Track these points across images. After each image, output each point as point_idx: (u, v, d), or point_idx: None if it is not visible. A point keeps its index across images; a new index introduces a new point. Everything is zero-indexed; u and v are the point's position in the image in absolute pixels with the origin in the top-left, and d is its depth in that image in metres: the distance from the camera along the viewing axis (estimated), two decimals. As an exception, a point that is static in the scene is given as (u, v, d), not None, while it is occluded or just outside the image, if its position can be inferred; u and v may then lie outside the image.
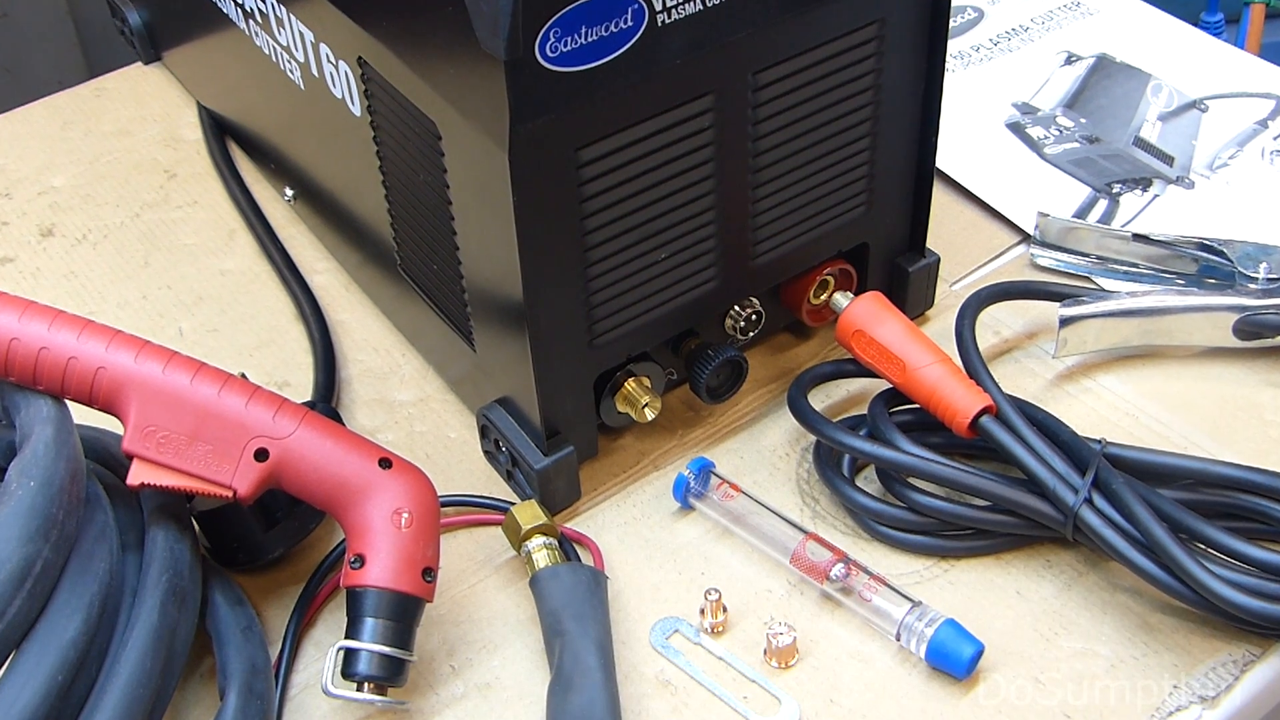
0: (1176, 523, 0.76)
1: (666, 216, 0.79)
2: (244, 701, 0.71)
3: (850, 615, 0.79)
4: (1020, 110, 1.15)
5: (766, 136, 0.81)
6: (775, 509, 0.82)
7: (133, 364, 0.71)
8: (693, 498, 0.84)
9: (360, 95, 0.84)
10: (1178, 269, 0.98)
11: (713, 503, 0.84)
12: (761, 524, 0.82)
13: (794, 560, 0.80)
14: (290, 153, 1.06)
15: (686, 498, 0.85)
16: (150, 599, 0.70)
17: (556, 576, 0.78)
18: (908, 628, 0.76)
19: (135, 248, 1.09)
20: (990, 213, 1.06)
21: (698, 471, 0.84)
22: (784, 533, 0.81)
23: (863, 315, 0.86)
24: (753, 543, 0.82)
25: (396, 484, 0.74)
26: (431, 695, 0.77)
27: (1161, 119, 1.13)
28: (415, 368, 0.97)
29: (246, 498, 0.72)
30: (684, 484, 0.84)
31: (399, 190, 0.86)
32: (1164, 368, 0.93)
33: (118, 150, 1.19)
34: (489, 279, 0.80)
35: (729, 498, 0.83)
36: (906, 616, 0.76)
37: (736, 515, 0.83)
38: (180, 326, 1.01)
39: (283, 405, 0.74)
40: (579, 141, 0.73)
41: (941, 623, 0.75)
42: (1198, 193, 1.06)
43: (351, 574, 0.73)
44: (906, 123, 0.88)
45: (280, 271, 1.04)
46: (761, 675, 0.76)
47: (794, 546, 0.80)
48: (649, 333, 0.84)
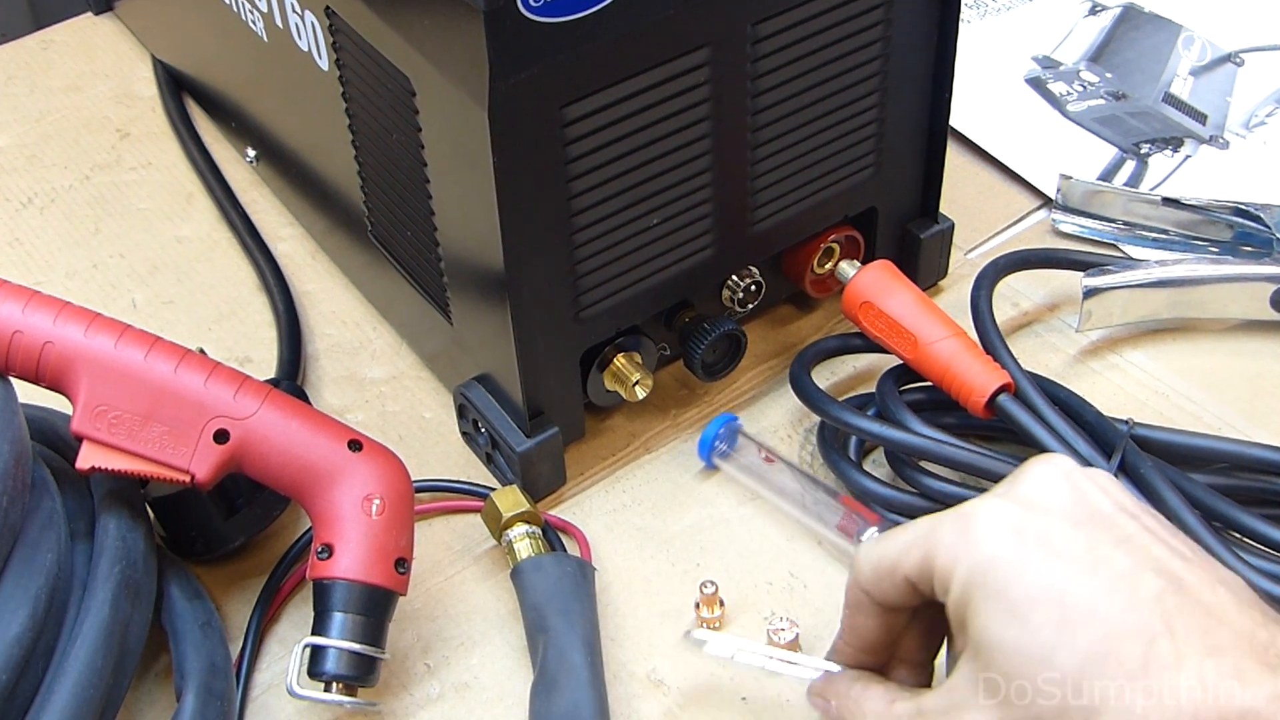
0: (1209, 509, 0.76)
1: (658, 179, 0.79)
2: (202, 703, 0.71)
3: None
4: (1041, 64, 1.15)
5: (767, 93, 0.80)
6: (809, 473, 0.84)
7: (82, 338, 0.71)
8: (718, 458, 0.85)
9: (328, 48, 0.84)
10: (1211, 235, 0.98)
11: (744, 466, 0.84)
12: (800, 490, 0.83)
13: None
14: (252, 110, 1.05)
15: (712, 457, 0.85)
16: (101, 592, 0.69)
17: (540, 568, 0.78)
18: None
19: (85, 213, 1.08)
20: (1008, 175, 1.06)
21: (716, 432, 0.84)
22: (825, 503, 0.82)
23: (871, 286, 0.86)
24: (788, 510, 0.83)
25: (367, 468, 0.74)
26: (405, 696, 0.77)
27: (1193, 73, 1.13)
28: (387, 342, 0.97)
29: (205, 483, 0.72)
30: (710, 443, 0.84)
31: (370, 151, 0.86)
32: (1196, 342, 0.93)
33: (66, 107, 1.18)
34: (467, 246, 0.79)
35: (770, 460, 0.83)
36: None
37: (772, 482, 0.83)
38: (134, 298, 1.01)
39: (244, 383, 0.73)
40: (564, 98, 0.72)
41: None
42: (1233, 153, 1.06)
43: (318, 565, 0.72)
44: (918, 78, 0.88)
45: (241, 238, 1.04)
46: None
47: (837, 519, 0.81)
48: (640, 305, 0.84)
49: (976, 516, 0.61)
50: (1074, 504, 0.61)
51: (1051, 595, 0.58)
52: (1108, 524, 0.60)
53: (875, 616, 0.66)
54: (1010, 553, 0.60)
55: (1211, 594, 0.58)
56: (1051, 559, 0.59)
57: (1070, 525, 0.60)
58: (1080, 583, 0.58)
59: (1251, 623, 0.57)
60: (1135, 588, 0.58)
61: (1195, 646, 0.56)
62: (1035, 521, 0.60)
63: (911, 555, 0.63)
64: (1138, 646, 0.56)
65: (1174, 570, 0.58)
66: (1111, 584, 0.58)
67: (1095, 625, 0.57)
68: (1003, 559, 0.59)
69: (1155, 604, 0.57)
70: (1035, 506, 0.61)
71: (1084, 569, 0.58)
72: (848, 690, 0.68)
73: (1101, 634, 0.57)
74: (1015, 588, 0.59)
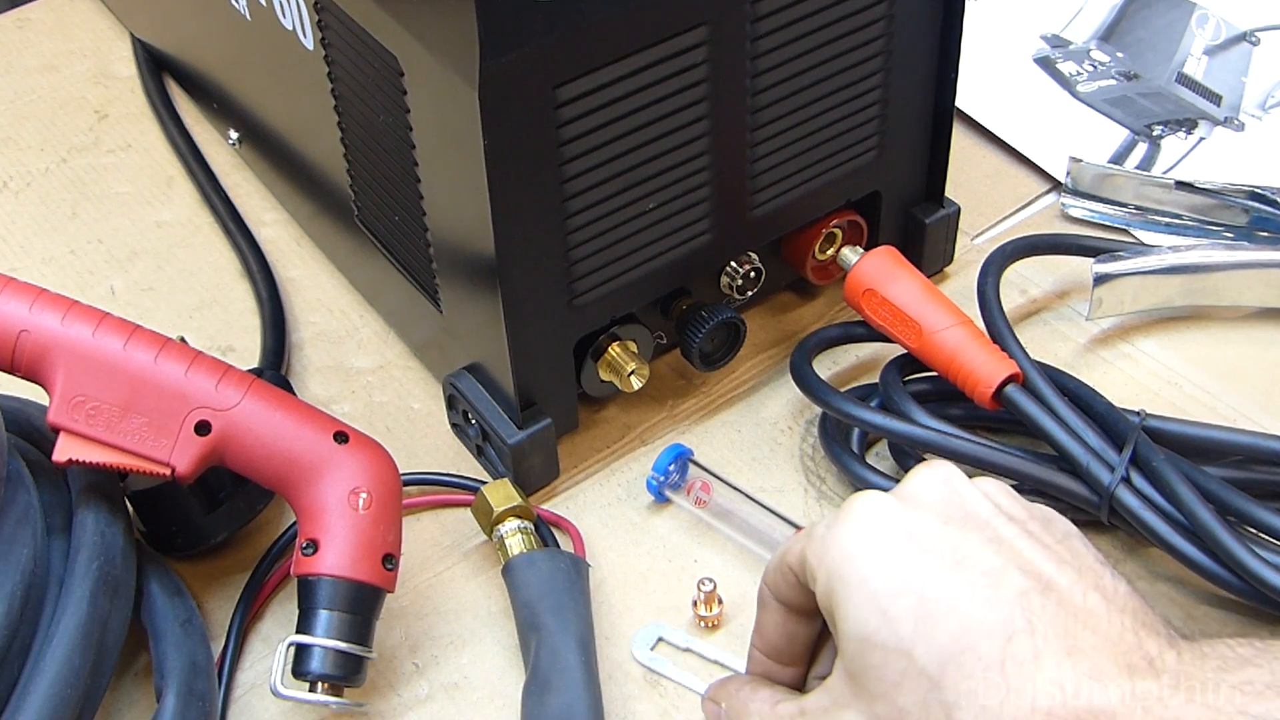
0: (1224, 504, 0.76)
1: (655, 162, 0.79)
2: (183, 703, 0.71)
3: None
4: (1050, 43, 1.15)
5: (766, 72, 0.80)
6: (761, 500, 0.82)
7: (59, 326, 0.71)
8: (669, 490, 0.84)
9: (313, 26, 0.84)
10: (1226, 220, 0.97)
11: (689, 500, 0.84)
12: (749, 520, 0.82)
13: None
14: (235, 91, 1.05)
15: (662, 491, 0.85)
16: (79, 589, 0.69)
17: (532, 564, 0.78)
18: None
19: (62, 197, 1.08)
20: (1016, 158, 1.05)
21: (667, 465, 0.84)
22: (774, 529, 0.81)
23: (874, 272, 0.86)
24: (742, 542, 0.82)
25: (353, 461, 0.74)
26: (393, 696, 0.77)
27: (1208, 53, 1.12)
28: (374, 331, 0.97)
29: (186, 476, 0.72)
30: (654, 486, 0.84)
31: (356, 132, 0.86)
32: (1210, 331, 0.93)
33: (42, 88, 1.18)
34: (457, 231, 0.79)
35: (701, 504, 0.83)
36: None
37: (719, 512, 0.83)
38: (112, 285, 1.01)
39: (226, 373, 0.73)
40: (557, 78, 0.72)
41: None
42: (1248, 135, 1.06)
43: (303, 561, 0.72)
44: (923, 57, 0.87)
45: (224, 223, 1.04)
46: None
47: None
48: (636, 292, 0.84)
49: (851, 508, 0.63)
50: (949, 504, 0.63)
51: (912, 588, 0.59)
52: (982, 525, 0.62)
53: (776, 613, 0.68)
54: (874, 544, 0.61)
55: (1082, 598, 0.59)
56: (916, 553, 0.60)
57: (940, 522, 0.62)
58: (942, 577, 0.59)
59: (1121, 627, 0.58)
60: (999, 584, 0.59)
61: (1055, 646, 0.57)
62: (906, 517, 0.62)
63: (795, 547, 0.65)
64: (996, 642, 0.57)
65: (1044, 572, 0.60)
66: (974, 580, 0.59)
67: (954, 620, 0.58)
68: (866, 550, 0.61)
69: (1018, 601, 0.58)
70: (910, 502, 0.63)
71: (948, 565, 0.60)
72: (736, 692, 0.69)
73: (961, 629, 0.58)
74: (875, 580, 0.60)
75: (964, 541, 0.61)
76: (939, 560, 0.60)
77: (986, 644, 0.57)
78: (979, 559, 0.60)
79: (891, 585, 0.60)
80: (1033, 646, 0.57)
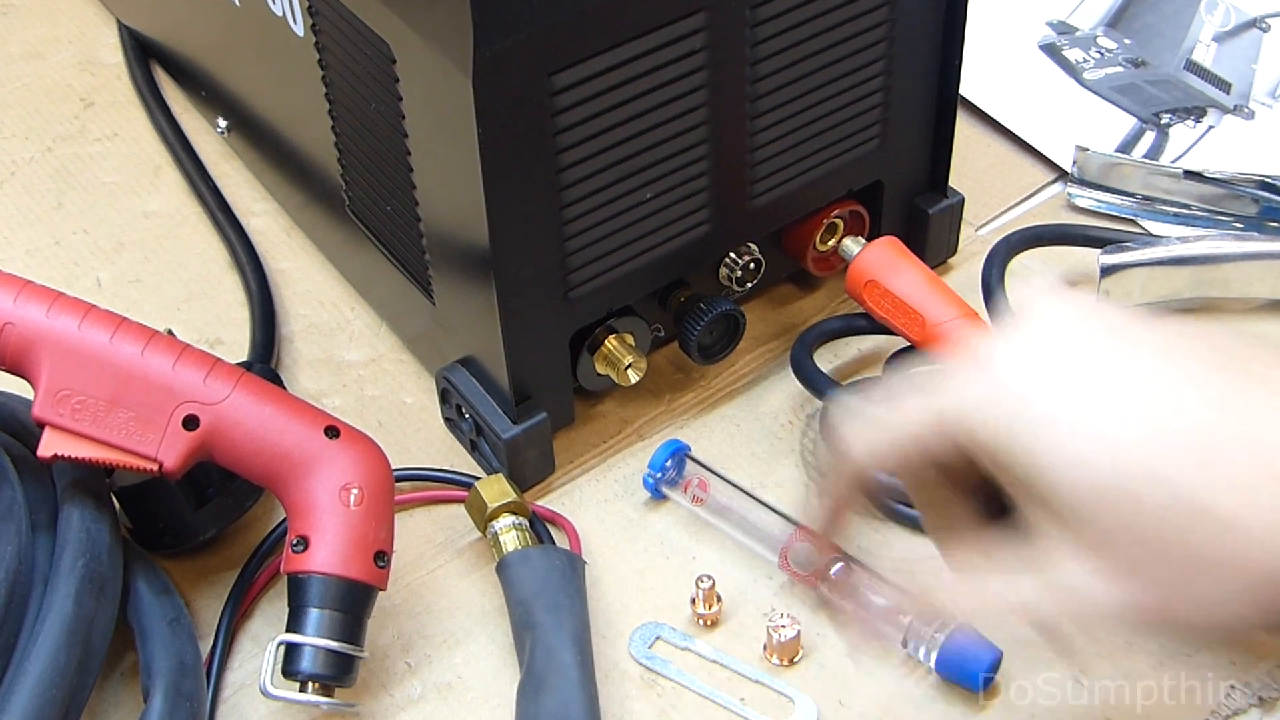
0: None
1: (652, 151, 0.79)
2: (171, 704, 0.71)
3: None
4: (1056, 29, 1.15)
5: (766, 60, 0.80)
6: (759, 496, 0.82)
7: (44, 319, 0.71)
8: (666, 486, 0.84)
9: (304, 12, 0.84)
10: (1235, 210, 0.97)
11: (686, 497, 0.83)
12: (748, 516, 0.82)
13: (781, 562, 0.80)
14: (224, 78, 1.05)
15: (659, 488, 0.84)
16: (64, 587, 0.69)
17: (527, 561, 0.78)
18: (915, 633, 0.75)
19: (47, 186, 1.08)
20: (1022, 147, 1.05)
21: (663, 461, 0.84)
22: (773, 525, 0.81)
23: (876, 263, 0.86)
24: (740, 539, 0.82)
25: (345, 456, 0.74)
26: (385, 696, 0.77)
27: (1217, 39, 1.12)
28: (366, 323, 0.97)
29: (174, 471, 0.72)
30: (651, 483, 0.84)
31: (347, 121, 0.86)
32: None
33: (27, 75, 1.18)
34: (450, 222, 0.79)
35: (698, 501, 0.83)
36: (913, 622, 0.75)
37: (716, 509, 0.83)
38: (98, 276, 1.01)
39: (215, 366, 0.73)
40: (552, 66, 0.72)
41: (953, 629, 0.75)
42: (1258, 123, 1.06)
43: (293, 558, 0.72)
44: (926, 44, 0.87)
45: (212, 214, 1.04)
46: (764, 674, 0.76)
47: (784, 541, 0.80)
48: (633, 284, 0.84)
49: (995, 356, 0.58)
50: (1089, 316, 0.58)
51: (1126, 387, 0.54)
52: (1144, 325, 0.57)
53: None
54: (1080, 360, 0.56)
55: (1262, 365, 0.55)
56: (1114, 353, 0.56)
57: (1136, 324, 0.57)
58: (1148, 367, 0.55)
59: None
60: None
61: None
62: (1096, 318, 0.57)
63: (923, 419, 0.59)
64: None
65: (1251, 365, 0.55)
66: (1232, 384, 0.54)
67: (1228, 439, 0.53)
68: (1069, 370, 0.56)
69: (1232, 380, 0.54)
70: (1057, 327, 0.58)
71: (1152, 353, 0.55)
72: (920, 569, 0.65)
73: (1195, 428, 0.53)
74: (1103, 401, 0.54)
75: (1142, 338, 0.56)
76: (1142, 350, 0.55)
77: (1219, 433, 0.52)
78: (1176, 346, 0.56)
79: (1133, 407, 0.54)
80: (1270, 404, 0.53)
